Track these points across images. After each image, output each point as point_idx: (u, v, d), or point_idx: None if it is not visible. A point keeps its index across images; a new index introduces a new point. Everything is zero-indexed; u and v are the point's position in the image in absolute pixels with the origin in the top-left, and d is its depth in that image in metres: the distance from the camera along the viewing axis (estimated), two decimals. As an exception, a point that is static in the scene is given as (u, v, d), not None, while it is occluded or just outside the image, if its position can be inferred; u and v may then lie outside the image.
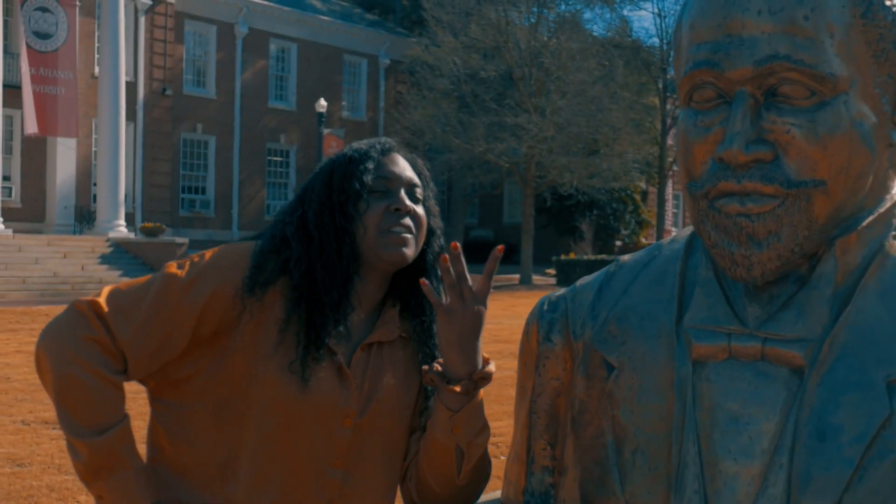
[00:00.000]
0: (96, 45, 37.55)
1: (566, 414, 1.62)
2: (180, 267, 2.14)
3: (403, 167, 2.25)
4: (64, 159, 36.76)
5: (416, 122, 40.81)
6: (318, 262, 2.14)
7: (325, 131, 40.14)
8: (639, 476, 1.46)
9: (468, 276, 1.99)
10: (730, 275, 1.41)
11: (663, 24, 46.90)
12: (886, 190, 1.46)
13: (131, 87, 39.07)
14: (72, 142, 36.26)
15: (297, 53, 46.98)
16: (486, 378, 2.04)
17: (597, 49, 39.85)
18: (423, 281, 2.01)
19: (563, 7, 42.80)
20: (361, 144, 2.26)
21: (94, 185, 36.68)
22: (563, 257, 38.48)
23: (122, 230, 34.57)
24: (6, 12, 34.83)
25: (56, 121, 33.30)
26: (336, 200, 2.18)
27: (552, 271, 40.79)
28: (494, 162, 39.81)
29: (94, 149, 37.26)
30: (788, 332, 1.38)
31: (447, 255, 1.97)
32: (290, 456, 2.10)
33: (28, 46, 32.76)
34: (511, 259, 50.61)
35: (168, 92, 41.04)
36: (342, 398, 2.13)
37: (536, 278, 39.26)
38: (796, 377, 1.37)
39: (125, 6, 37.19)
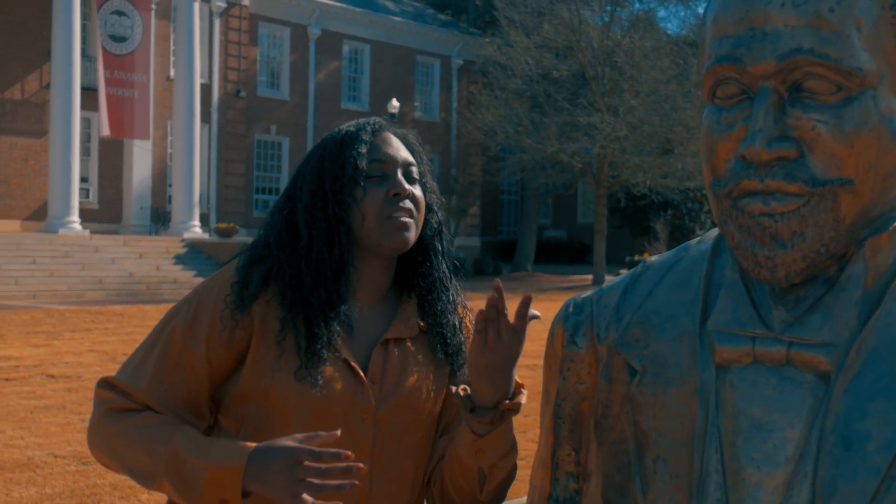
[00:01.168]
0: (172, 47, 38.05)
1: (590, 419, 1.59)
2: (179, 309, 2.14)
3: (397, 147, 2.19)
4: (140, 161, 37.30)
5: (489, 122, 40.77)
6: (304, 263, 2.10)
7: (398, 132, 40.23)
8: (660, 484, 1.42)
9: (507, 313, 1.92)
10: (753, 276, 1.36)
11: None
12: (922, 189, 1.40)
13: (206, 89, 39.54)
14: (147, 143, 36.80)
15: (369, 54, 47.21)
16: (514, 410, 1.98)
17: (671, 47, 39.49)
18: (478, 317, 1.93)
19: (636, 5, 42.63)
20: (350, 127, 2.20)
21: (170, 186, 37.20)
22: (636, 258, 38.20)
23: (196, 231, 35.01)
24: (84, 16, 35.41)
25: (128, 123, 33.81)
26: (329, 189, 2.12)
27: (626, 272, 40.54)
28: (567, 162, 39.68)
29: (169, 150, 37.77)
30: (815, 336, 1.33)
31: (493, 295, 1.90)
32: None
33: (104, 49, 33.28)
34: (584, 259, 50.43)
35: (242, 94, 41.45)
36: (357, 394, 2.10)
37: (610, 279, 38.97)
38: (822, 383, 1.32)
39: (200, 9, 37.65)
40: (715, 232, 1.56)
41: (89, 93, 34.71)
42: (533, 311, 1.91)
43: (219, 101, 40.61)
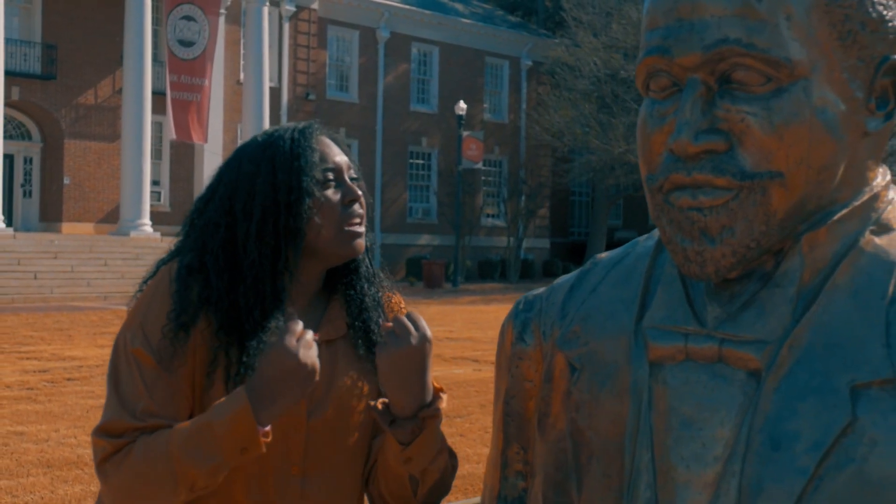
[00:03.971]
0: (241, 51, 38.45)
1: (535, 416, 1.57)
2: (133, 338, 2.05)
3: (337, 151, 2.17)
4: (210, 164, 37.75)
5: (557, 123, 40.74)
6: (244, 285, 2.06)
7: (465, 133, 40.38)
8: (593, 483, 1.40)
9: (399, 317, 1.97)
10: (684, 272, 1.33)
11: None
12: (865, 182, 1.36)
13: (275, 93, 39.93)
14: (218, 146, 37.28)
15: (438, 57, 47.39)
16: (434, 417, 1.97)
17: (741, 47, 39.22)
18: (385, 324, 1.97)
19: (706, 4, 42.33)
20: (293, 132, 2.15)
21: (240, 188, 37.54)
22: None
23: (265, 233, 35.30)
24: (156, 22, 35.93)
25: (191, 126, 34.23)
26: (283, 201, 2.07)
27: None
28: (635, 162, 39.50)
29: (239, 153, 38.14)
30: (747, 332, 1.30)
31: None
32: (247, 469, 2.04)
33: (171, 54, 33.75)
34: (654, 261, 50.09)
35: (311, 97, 41.82)
36: None
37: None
38: (754, 381, 1.28)
39: (269, 13, 38.03)
40: (665, 228, 1.54)
41: (160, 97, 35.21)
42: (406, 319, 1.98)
43: (288, 105, 40.99)
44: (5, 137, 33.74)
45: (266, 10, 36.84)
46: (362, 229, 2.13)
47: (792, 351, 1.27)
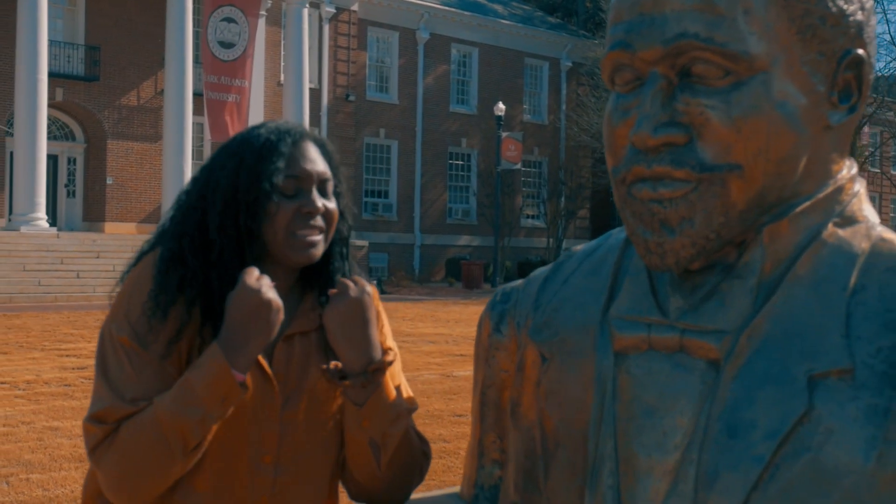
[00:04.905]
0: (282, 53, 38.62)
1: (509, 405, 1.60)
2: (119, 327, 2.09)
3: (314, 160, 2.16)
4: (250, 164, 37.92)
5: (595, 124, 40.63)
6: (215, 271, 2.08)
7: (504, 134, 40.32)
8: (558, 470, 1.42)
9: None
10: (646, 263, 1.35)
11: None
12: (829, 175, 1.37)
13: (315, 94, 40.05)
14: (258, 147, 37.41)
15: (478, 58, 47.35)
16: (381, 370, 2.02)
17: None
18: (330, 291, 2.04)
19: (747, 5, 42.14)
20: (270, 134, 2.15)
21: (280, 189, 37.71)
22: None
23: (305, 233, 35.45)
24: (197, 23, 36.17)
25: (228, 127, 34.32)
26: (242, 200, 2.09)
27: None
28: (675, 164, 39.44)
29: (279, 154, 38.30)
30: (708, 323, 1.32)
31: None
32: (220, 459, 2.07)
33: (212, 55, 33.93)
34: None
35: (351, 98, 41.91)
36: (264, 392, 2.09)
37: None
38: (713, 370, 1.30)
39: (310, 15, 38.17)
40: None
41: (202, 98, 35.41)
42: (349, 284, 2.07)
43: (328, 106, 41.11)
44: (49, 138, 34.04)
45: (306, 11, 37.02)
46: (317, 239, 2.13)
47: (751, 341, 1.28)
